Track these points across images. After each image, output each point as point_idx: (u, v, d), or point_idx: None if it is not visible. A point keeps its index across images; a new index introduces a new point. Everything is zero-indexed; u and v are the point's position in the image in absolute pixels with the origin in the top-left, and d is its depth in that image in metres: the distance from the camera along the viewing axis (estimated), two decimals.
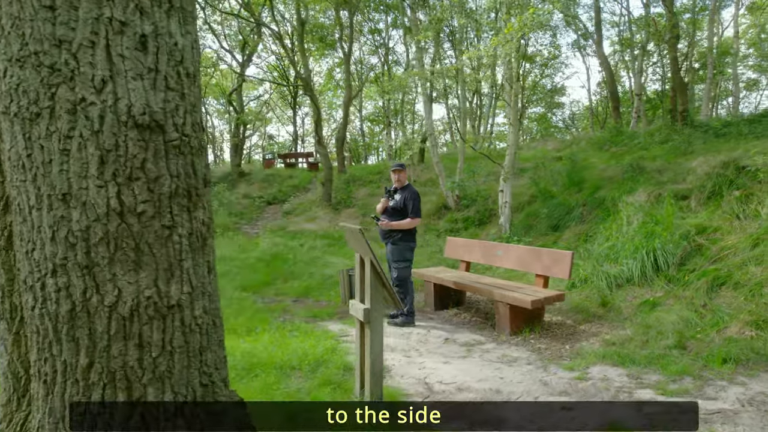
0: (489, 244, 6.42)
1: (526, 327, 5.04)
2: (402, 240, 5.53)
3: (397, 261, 5.55)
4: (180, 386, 1.55)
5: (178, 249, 1.56)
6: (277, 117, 41.25)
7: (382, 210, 5.71)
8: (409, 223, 5.47)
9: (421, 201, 5.66)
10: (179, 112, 1.56)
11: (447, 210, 11.67)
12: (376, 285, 3.04)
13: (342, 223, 3.87)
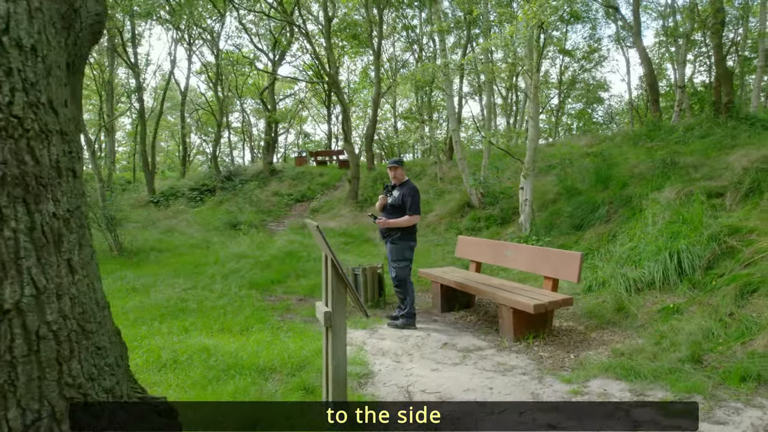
0: (498, 244, 6.07)
1: (530, 333, 4.69)
2: (401, 239, 5.32)
3: (395, 260, 5.34)
4: (29, 400, 1.36)
5: (13, 246, 1.36)
6: (312, 117, 41.60)
7: (381, 207, 5.50)
8: (407, 220, 5.25)
9: (420, 197, 5.41)
10: (2, 89, 1.36)
11: (470, 208, 11.30)
12: (337, 286, 2.80)
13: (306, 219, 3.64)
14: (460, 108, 20.75)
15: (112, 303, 6.22)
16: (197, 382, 3.73)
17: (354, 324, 5.49)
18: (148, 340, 4.79)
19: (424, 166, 18.21)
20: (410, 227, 5.33)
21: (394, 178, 5.45)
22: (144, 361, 4.25)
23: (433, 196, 13.73)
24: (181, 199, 20.16)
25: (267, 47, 23.94)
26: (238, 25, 22.35)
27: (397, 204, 5.30)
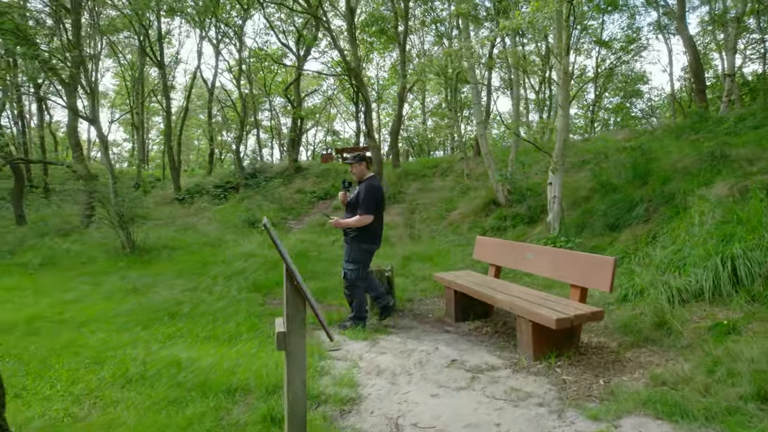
0: (519, 246, 5.38)
1: (552, 351, 4.01)
2: (355, 239, 5.06)
3: (347, 261, 5.09)
4: None
5: None
6: (341, 114, 41.27)
7: (343, 203, 5.31)
8: (356, 221, 4.95)
9: (376, 196, 5.03)
10: None
11: (496, 206, 10.57)
12: (294, 301, 2.22)
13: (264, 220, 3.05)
14: (488, 101, 19.90)
15: (108, 305, 5.80)
16: (156, 404, 3.23)
17: (353, 334, 4.92)
18: (123, 349, 4.34)
19: (451, 163, 17.50)
20: (367, 228, 5.02)
21: (353, 174, 5.18)
22: (111, 375, 3.79)
23: (457, 193, 13.04)
24: (206, 197, 20.05)
25: (293, 43, 23.61)
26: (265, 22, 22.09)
27: (354, 202, 5.06)
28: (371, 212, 4.96)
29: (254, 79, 26.92)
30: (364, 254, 5.11)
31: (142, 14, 19.70)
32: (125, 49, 28.13)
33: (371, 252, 5.17)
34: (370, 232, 5.09)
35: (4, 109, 22.27)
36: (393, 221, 12.46)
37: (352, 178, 5.33)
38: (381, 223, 5.26)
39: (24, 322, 5.69)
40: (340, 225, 5.08)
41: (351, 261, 5.07)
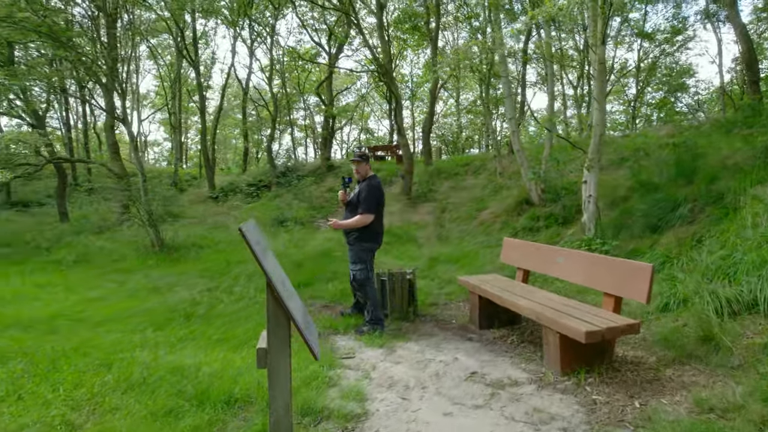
0: (548, 249, 5.01)
1: (583, 365, 3.65)
2: (358, 240, 4.98)
3: (353, 263, 5.05)
4: None
5: None
6: (374, 112, 41.12)
7: (343, 202, 5.24)
8: (357, 221, 4.87)
9: (377, 195, 4.96)
10: None
11: (529, 205, 10.12)
12: (275, 315, 1.98)
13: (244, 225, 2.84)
14: (523, 97, 19.29)
15: (129, 303, 5.77)
16: (154, 413, 3.07)
17: (370, 340, 4.68)
18: (131, 352, 4.23)
19: (484, 160, 17.03)
20: (368, 228, 4.94)
21: (357, 173, 5.09)
22: (116, 379, 3.67)
23: (489, 192, 12.61)
24: (239, 195, 20.25)
25: (325, 41, 23.57)
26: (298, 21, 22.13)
27: (354, 202, 4.97)
28: (372, 211, 4.88)
29: (288, 78, 27.06)
30: (367, 254, 5.02)
31: (179, 16, 20.06)
32: (164, 51, 28.82)
33: (373, 251, 5.09)
34: (372, 232, 5.00)
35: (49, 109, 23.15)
36: (422, 220, 12.16)
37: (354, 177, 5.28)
38: (382, 222, 5.18)
39: (46, 320, 5.73)
40: (339, 226, 4.99)
41: (357, 262, 4.99)
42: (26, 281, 8.18)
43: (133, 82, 33.00)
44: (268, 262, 1.97)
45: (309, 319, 2.19)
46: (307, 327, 2.01)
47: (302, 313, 2.04)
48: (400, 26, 24.65)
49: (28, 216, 18.45)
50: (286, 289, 2.00)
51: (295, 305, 2.01)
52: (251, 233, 1.94)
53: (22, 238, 11.82)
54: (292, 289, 2.20)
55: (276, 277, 1.95)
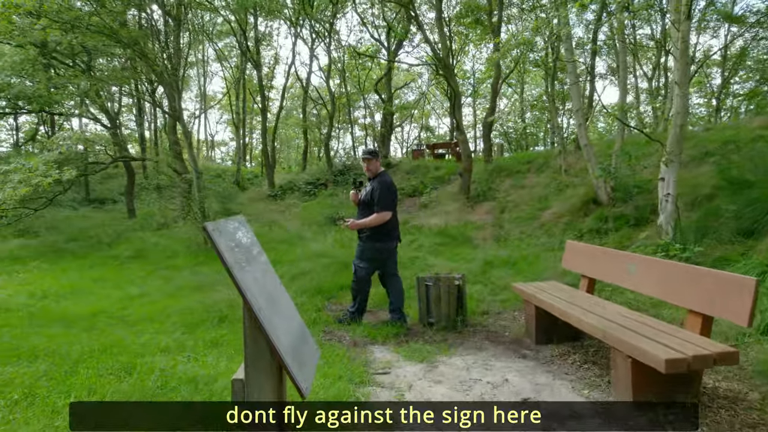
0: (619, 255, 4.31)
1: (661, 397, 3.00)
2: (369, 238, 4.88)
3: (358, 258, 4.97)
4: None
5: None
6: (435, 110, 40.47)
7: (355, 203, 5.12)
8: (375, 219, 4.76)
9: (392, 192, 4.87)
10: None
11: (596, 205, 9.25)
12: (254, 338, 1.56)
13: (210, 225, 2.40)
14: (591, 90, 18.08)
15: (169, 302, 5.61)
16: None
17: (410, 353, 4.20)
18: (154, 357, 3.99)
19: (547, 158, 16.05)
20: (382, 227, 4.82)
21: (368, 171, 4.98)
22: (131, 387, 3.42)
23: (553, 190, 11.75)
24: (296, 193, 20.38)
25: (384, 38, 23.29)
26: (358, 18, 22.03)
27: (368, 200, 4.86)
28: (389, 209, 4.81)
29: (348, 77, 27.02)
30: (377, 253, 4.93)
31: (242, 18, 20.45)
32: (230, 53, 29.68)
33: (385, 250, 4.95)
34: (386, 230, 4.89)
35: (121, 111, 24.39)
36: (480, 220, 11.51)
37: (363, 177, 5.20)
38: (396, 219, 5.05)
39: (88, 317, 5.69)
40: (357, 226, 4.89)
41: (363, 259, 4.94)
42: (84, 275, 8.37)
43: (201, 84, 34.35)
44: (248, 273, 1.56)
45: (308, 344, 1.76)
46: (297, 356, 1.57)
47: (295, 335, 1.62)
48: (462, 21, 23.96)
49: (102, 213, 19.43)
50: (272, 307, 1.58)
51: (284, 326, 1.58)
52: (225, 235, 1.53)
53: (88, 234, 12.29)
54: (286, 305, 1.77)
55: (257, 293, 1.53)
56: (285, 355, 1.50)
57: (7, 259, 10.09)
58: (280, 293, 1.79)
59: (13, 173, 10.05)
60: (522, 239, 9.20)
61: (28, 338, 4.76)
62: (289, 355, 1.51)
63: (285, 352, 1.51)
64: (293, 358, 1.55)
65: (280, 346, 1.49)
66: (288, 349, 1.53)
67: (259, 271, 1.71)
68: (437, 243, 9.20)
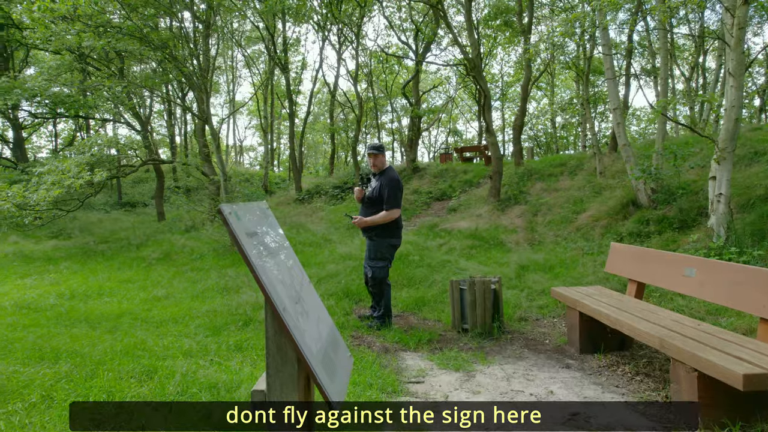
0: (674, 258, 3.95)
1: (735, 419, 2.66)
2: (380, 235, 4.77)
3: (373, 259, 4.79)
4: None
5: None
6: (463, 114, 40.09)
7: (359, 199, 4.96)
8: (384, 216, 4.68)
9: (400, 188, 4.79)
10: None
11: (636, 208, 8.80)
12: (277, 341, 1.32)
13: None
14: (626, 93, 17.51)
15: (194, 304, 5.44)
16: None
17: (445, 361, 3.93)
18: (176, 360, 3.82)
19: (581, 160, 15.55)
20: (392, 222, 4.77)
21: (374, 166, 4.89)
22: (150, 392, 3.25)
23: (588, 193, 11.29)
24: (323, 197, 20.32)
25: (411, 41, 23.12)
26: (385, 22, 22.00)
27: (375, 196, 4.76)
28: (398, 206, 4.76)
29: (376, 81, 26.91)
30: (391, 249, 4.84)
31: (270, 23, 20.57)
32: (258, 58, 29.97)
33: (395, 247, 4.87)
34: (395, 226, 4.83)
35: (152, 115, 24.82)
36: (512, 224, 11.14)
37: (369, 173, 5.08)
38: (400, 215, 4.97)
39: (113, 317, 5.59)
40: (365, 223, 4.76)
41: (378, 258, 4.78)
42: (112, 276, 8.35)
43: (229, 89, 34.80)
44: (270, 266, 1.33)
45: (340, 350, 1.52)
46: (327, 364, 1.33)
47: (325, 341, 1.38)
48: (490, 24, 23.63)
49: (133, 215, 19.72)
50: (298, 307, 1.34)
51: (312, 330, 1.35)
52: (244, 220, 1.31)
53: (118, 236, 12.39)
54: (315, 305, 1.54)
55: (281, 290, 1.30)
56: (314, 363, 1.27)
57: (41, 260, 10.20)
58: (307, 291, 1.56)
59: (46, 175, 10.20)
60: (557, 243, 8.81)
61: (52, 338, 4.67)
62: (318, 364, 1.28)
63: (314, 360, 1.28)
64: (323, 366, 1.31)
65: (308, 353, 1.26)
66: (317, 356, 1.30)
67: (283, 264, 1.48)
68: (468, 246, 8.88)
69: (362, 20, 21.62)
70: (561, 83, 35.21)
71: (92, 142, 11.99)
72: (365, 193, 4.90)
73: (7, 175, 11.63)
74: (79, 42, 10.71)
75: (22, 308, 6.15)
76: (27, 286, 7.56)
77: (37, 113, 18.62)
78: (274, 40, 21.60)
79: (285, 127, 40.74)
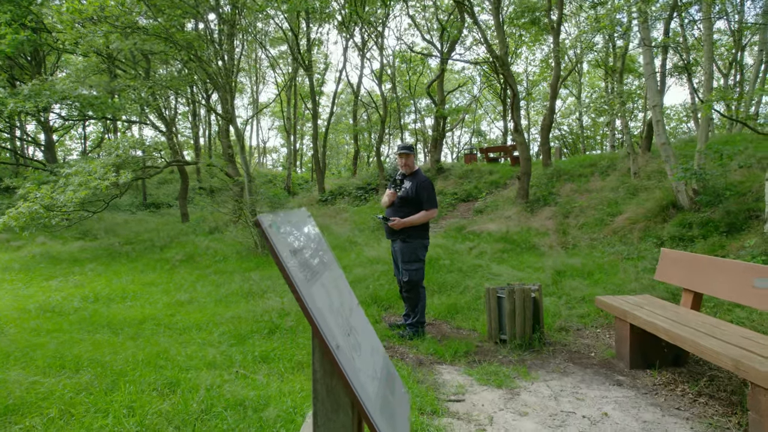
0: (738, 266, 3.58)
1: None
2: (414, 236, 4.64)
3: (408, 262, 4.63)
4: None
5: None
6: (487, 114, 39.57)
7: (389, 203, 4.77)
8: (424, 216, 4.60)
9: (434, 188, 4.71)
10: None
11: (677, 210, 8.34)
12: (331, 391, 1.07)
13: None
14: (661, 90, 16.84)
15: (218, 309, 5.25)
16: None
17: (485, 376, 3.65)
18: (200, 372, 3.62)
19: (612, 160, 15.03)
20: (425, 223, 4.71)
21: (405, 166, 4.77)
22: (173, 408, 3.04)
23: (623, 194, 10.83)
24: (346, 198, 20.15)
25: (436, 40, 22.81)
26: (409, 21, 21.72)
27: (410, 196, 4.61)
28: (437, 205, 4.67)
29: (399, 82, 26.65)
30: (423, 251, 4.72)
31: (295, 23, 20.51)
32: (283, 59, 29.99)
33: (427, 248, 4.78)
34: (427, 228, 4.76)
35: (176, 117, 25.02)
36: (542, 226, 10.75)
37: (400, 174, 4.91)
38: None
39: (136, 323, 5.45)
40: (404, 224, 4.58)
41: (414, 260, 4.64)
42: (135, 279, 8.26)
43: (253, 90, 34.98)
44: (319, 291, 1.07)
45: (396, 388, 1.26)
46: (386, 409, 1.07)
47: (381, 379, 1.12)
48: (516, 22, 23.20)
49: (157, 216, 19.86)
50: (351, 340, 1.09)
51: (368, 368, 1.09)
52: (286, 234, 1.06)
53: (142, 237, 12.39)
54: (366, 333, 1.27)
55: (332, 322, 1.04)
56: (371, 410, 1.02)
57: (67, 261, 10.21)
58: (357, 315, 1.30)
59: (73, 176, 10.22)
60: (593, 246, 8.41)
61: (74, 345, 4.53)
62: (376, 411, 1.02)
63: (371, 405, 1.03)
64: (381, 412, 1.06)
65: (364, 398, 1.00)
66: (375, 401, 1.04)
67: (333, 286, 1.23)
68: (500, 250, 8.54)
69: (386, 20, 21.40)
70: (587, 82, 34.47)
71: (118, 142, 12.02)
72: (398, 194, 4.69)
73: (37, 177, 11.69)
74: (107, 43, 10.71)
75: (46, 311, 6.07)
76: (52, 289, 7.52)
77: (66, 116, 18.89)
78: (297, 40, 21.52)
79: (308, 128, 40.83)
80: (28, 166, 19.11)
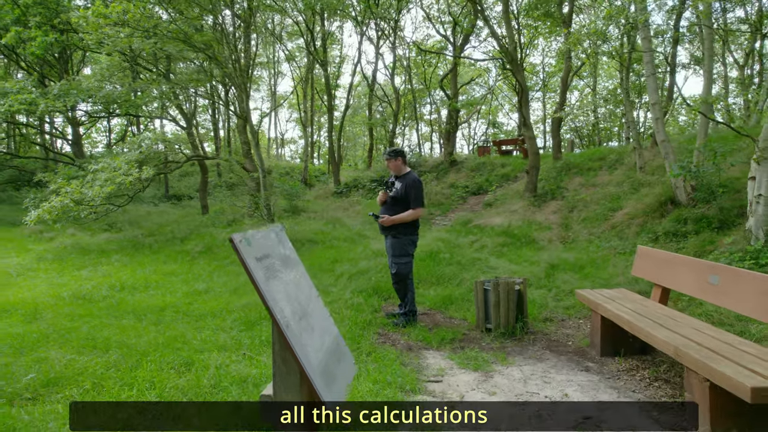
0: (700, 264, 3.91)
1: (746, 430, 2.69)
2: (403, 233, 5.05)
3: (397, 256, 5.05)
4: None
5: None
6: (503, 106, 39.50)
7: (382, 202, 5.19)
8: (411, 214, 4.97)
9: (423, 189, 5.07)
10: None
11: (674, 206, 8.59)
12: (283, 358, 1.51)
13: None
14: (672, 81, 16.86)
15: (232, 298, 5.79)
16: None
17: (465, 360, 4.06)
18: (211, 353, 4.11)
19: (621, 154, 15.19)
20: (413, 221, 5.06)
21: (393, 169, 5.15)
22: (187, 383, 3.54)
23: (627, 189, 11.06)
24: (361, 191, 20.56)
25: (449, 33, 22.98)
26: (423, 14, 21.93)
27: (399, 196, 4.99)
28: (423, 205, 5.03)
29: (414, 74, 26.90)
30: (413, 245, 5.13)
31: (309, 17, 20.92)
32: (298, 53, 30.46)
33: (416, 244, 5.19)
34: (416, 226, 5.15)
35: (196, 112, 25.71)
36: (547, 221, 11.05)
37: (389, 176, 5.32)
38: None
39: (157, 310, 5.98)
40: (392, 221, 4.97)
41: (403, 255, 5.04)
42: (157, 269, 8.84)
43: (271, 84, 35.53)
44: (278, 286, 1.51)
45: (343, 360, 1.69)
46: (327, 375, 1.50)
47: (328, 352, 1.55)
48: (531, 13, 23.20)
49: (179, 208, 20.58)
50: (302, 322, 1.52)
51: (315, 343, 1.52)
52: (254, 246, 1.49)
53: (164, 229, 13.03)
54: (321, 318, 1.71)
55: (285, 308, 1.48)
56: (312, 374, 1.44)
57: (95, 252, 10.87)
58: (314, 306, 1.73)
59: (100, 172, 10.87)
60: (591, 241, 8.72)
61: (103, 329, 5.07)
62: (316, 374, 1.45)
63: (313, 372, 1.45)
64: (321, 376, 1.48)
65: (308, 366, 1.43)
66: (317, 368, 1.47)
67: (292, 282, 1.66)
68: (500, 244, 8.90)
69: (399, 14, 21.63)
70: (604, 72, 34.16)
71: (141, 138, 12.64)
72: (389, 194, 5.10)
73: (66, 172, 12.39)
74: (129, 44, 11.27)
75: (78, 299, 6.65)
76: (83, 278, 8.13)
77: (92, 112, 19.68)
78: (313, 35, 21.93)
79: (325, 120, 41.35)
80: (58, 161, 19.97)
